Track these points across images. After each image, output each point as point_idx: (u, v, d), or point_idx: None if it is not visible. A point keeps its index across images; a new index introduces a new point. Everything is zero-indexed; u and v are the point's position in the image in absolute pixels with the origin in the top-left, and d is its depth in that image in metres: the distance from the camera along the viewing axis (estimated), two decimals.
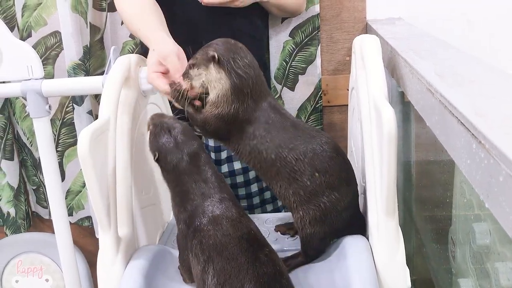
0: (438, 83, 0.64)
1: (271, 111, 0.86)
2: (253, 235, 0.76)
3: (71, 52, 1.38)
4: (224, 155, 1.34)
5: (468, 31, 1.46)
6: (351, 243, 0.82)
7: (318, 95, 1.48)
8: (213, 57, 0.84)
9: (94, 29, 1.45)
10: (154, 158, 0.84)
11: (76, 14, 1.36)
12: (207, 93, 0.87)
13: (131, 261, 0.84)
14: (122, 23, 1.48)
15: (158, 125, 0.85)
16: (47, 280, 1.59)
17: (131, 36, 1.49)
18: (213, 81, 0.85)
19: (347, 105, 1.36)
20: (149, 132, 0.86)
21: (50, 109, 1.05)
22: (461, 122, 0.51)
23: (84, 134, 0.75)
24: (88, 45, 1.42)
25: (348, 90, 1.48)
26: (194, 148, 0.83)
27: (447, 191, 1.11)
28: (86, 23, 1.40)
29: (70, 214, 1.64)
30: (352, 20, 1.47)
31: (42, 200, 1.68)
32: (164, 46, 0.94)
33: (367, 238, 0.84)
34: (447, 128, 0.57)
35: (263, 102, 0.86)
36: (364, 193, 0.90)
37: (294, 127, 0.86)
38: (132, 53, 1.49)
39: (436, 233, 1.30)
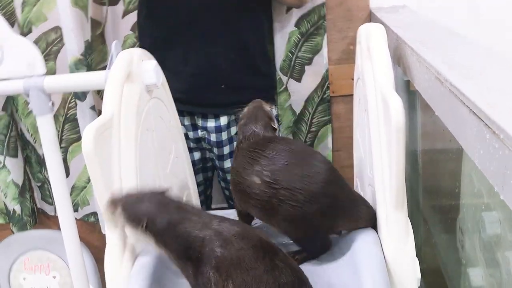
0: (447, 72, 0.62)
1: None
2: (264, 242, 0.74)
3: (72, 47, 1.37)
4: (226, 150, 1.33)
5: (472, 17, 1.44)
6: (360, 236, 0.81)
7: (325, 85, 1.47)
8: None
9: (95, 24, 1.44)
10: (142, 227, 0.76)
11: (76, 8, 1.35)
12: None
13: (139, 258, 0.84)
14: (123, 16, 1.47)
15: (126, 203, 0.79)
16: (54, 277, 1.59)
17: (133, 29, 1.48)
18: None
19: (352, 95, 1.34)
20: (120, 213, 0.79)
21: (53, 105, 1.04)
22: (473, 112, 0.50)
23: (88, 131, 0.74)
24: (89, 40, 1.41)
25: (352, 79, 1.47)
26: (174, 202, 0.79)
27: (454, 180, 1.10)
28: (87, 18, 1.39)
29: (75, 210, 1.63)
30: (355, 8, 1.45)
31: (47, 197, 1.67)
32: None
33: (375, 230, 0.84)
34: (458, 118, 0.56)
35: None
36: (371, 185, 0.89)
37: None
38: (134, 46, 1.48)
39: (444, 223, 1.29)
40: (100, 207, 0.81)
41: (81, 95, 1.42)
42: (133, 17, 1.45)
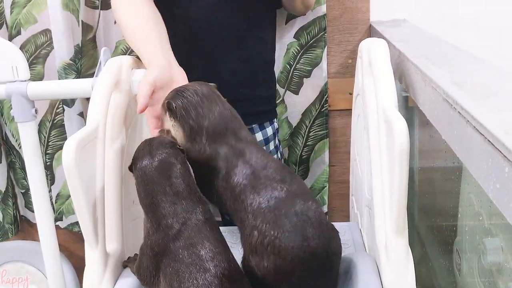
0: (457, 93, 0.58)
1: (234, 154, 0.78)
2: (233, 269, 0.68)
3: (62, 52, 1.33)
4: None
5: (475, 33, 1.41)
6: (357, 262, 0.77)
7: (324, 99, 1.43)
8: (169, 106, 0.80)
9: (86, 28, 1.39)
10: (128, 167, 0.76)
11: (67, 12, 1.30)
12: None
13: (120, 279, 0.79)
14: (115, 22, 1.43)
15: (146, 141, 0.77)
16: None
17: None
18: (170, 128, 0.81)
19: (349, 109, 1.30)
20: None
21: (36, 113, 0.99)
22: (488, 140, 0.45)
23: (70, 143, 0.69)
24: (80, 44, 1.36)
25: (350, 94, 1.43)
26: (166, 155, 0.72)
27: (452, 200, 1.07)
28: (78, 21, 1.35)
29: (60, 219, 1.58)
30: (355, 22, 1.42)
31: (31, 204, 1.62)
32: (150, 70, 0.87)
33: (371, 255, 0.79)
34: (470, 146, 0.51)
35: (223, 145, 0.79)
36: (370, 206, 0.85)
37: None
38: (126, 53, 1.43)
39: (440, 244, 1.25)
40: (81, 224, 0.76)
41: (69, 101, 1.37)
42: None
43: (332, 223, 0.98)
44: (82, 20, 1.37)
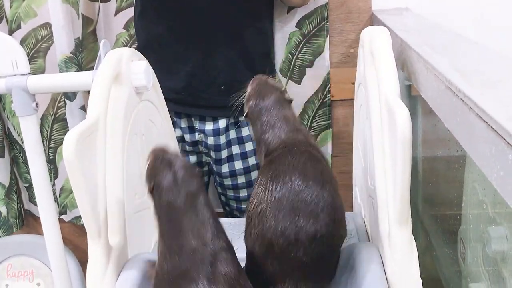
0: (460, 81, 0.57)
1: None
2: None
3: (62, 45, 1.33)
4: (224, 154, 1.28)
5: (478, 21, 1.39)
6: (360, 252, 0.76)
7: (326, 89, 1.42)
8: None
9: (87, 21, 1.39)
10: (149, 189, 0.74)
11: (67, 5, 1.30)
12: None
13: (123, 271, 0.79)
14: (115, 14, 1.42)
15: (158, 158, 0.76)
16: (38, 284, 1.53)
17: (125, 27, 1.43)
18: None
19: (352, 99, 1.30)
20: (148, 162, 0.77)
21: (37, 107, 0.99)
22: (492, 127, 0.45)
23: (70, 137, 0.69)
24: (80, 38, 1.36)
25: (352, 84, 1.42)
26: (194, 187, 0.73)
27: (456, 189, 1.06)
28: (78, 14, 1.34)
29: (64, 212, 1.59)
30: (357, 10, 1.41)
31: (35, 198, 1.62)
32: None
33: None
34: (473, 133, 0.51)
35: None
36: (372, 196, 0.84)
37: None
38: (126, 45, 1.43)
39: (444, 233, 1.25)
40: (83, 218, 0.76)
41: (70, 95, 1.37)
42: (126, 15, 1.41)
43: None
44: (82, 13, 1.36)
